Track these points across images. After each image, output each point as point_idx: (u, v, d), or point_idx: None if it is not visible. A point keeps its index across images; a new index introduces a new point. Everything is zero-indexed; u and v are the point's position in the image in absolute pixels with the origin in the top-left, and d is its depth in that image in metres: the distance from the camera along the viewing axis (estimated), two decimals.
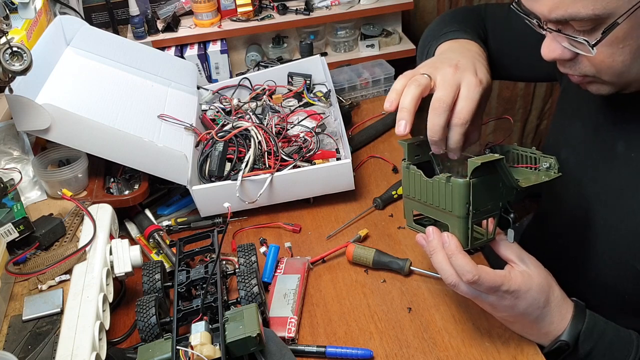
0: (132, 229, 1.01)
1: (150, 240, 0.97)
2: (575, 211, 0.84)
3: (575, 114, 0.86)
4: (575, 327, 0.70)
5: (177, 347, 0.68)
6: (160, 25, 1.57)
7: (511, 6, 0.71)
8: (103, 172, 1.03)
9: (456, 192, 0.66)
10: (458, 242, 0.68)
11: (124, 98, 1.12)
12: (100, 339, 0.71)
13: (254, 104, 1.22)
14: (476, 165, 0.63)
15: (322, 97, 1.23)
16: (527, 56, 0.88)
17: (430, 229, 0.71)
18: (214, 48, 1.55)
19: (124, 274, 0.82)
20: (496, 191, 0.68)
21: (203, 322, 0.70)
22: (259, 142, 1.04)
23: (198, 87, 1.29)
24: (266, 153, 1.03)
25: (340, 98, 1.32)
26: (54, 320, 0.74)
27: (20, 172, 0.97)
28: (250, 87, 1.29)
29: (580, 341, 0.70)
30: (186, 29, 1.59)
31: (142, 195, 0.99)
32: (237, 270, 0.82)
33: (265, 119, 1.16)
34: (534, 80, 1.07)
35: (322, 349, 0.79)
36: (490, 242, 0.73)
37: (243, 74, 1.36)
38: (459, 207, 0.66)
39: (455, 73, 0.72)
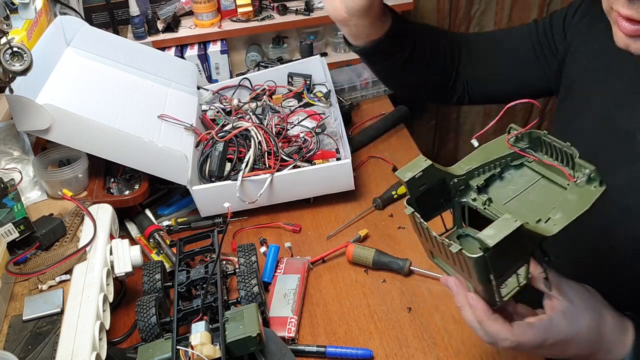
0: (133, 229, 1.02)
1: (151, 240, 0.97)
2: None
3: (585, 107, 0.82)
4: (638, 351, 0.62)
5: (177, 347, 0.68)
6: (160, 26, 1.56)
7: None
8: (103, 172, 1.03)
9: (471, 266, 0.53)
10: (485, 306, 0.58)
11: (124, 98, 1.12)
12: (100, 339, 0.71)
13: (254, 104, 1.22)
14: (487, 246, 0.50)
15: (322, 98, 1.23)
16: (519, 74, 0.90)
17: (452, 282, 0.61)
18: (214, 48, 1.55)
19: (124, 274, 0.83)
20: (522, 243, 0.54)
21: (203, 322, 0.70)
22: (259, 142, 1.04)
23: (198, 87, 1.29)
24: (266, 153, 1.03)
25: (340, 98, 1.32)
26: (54, 320, 0.74)
27: (20, 172, 0.97)
28: (250, 87, 1.29)
29: None
30: (186, 29, 1.58)
31: (142, 195, 0.99)
32: (237, 270, 0.82)
33: (265, 119, 1.17)
34: (524, 96, 1.05)
35: (322, 349, 0.79)
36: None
37: (243, 74, 1.36)
38: (478, 277, 0.54)
39: None
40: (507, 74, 0.94)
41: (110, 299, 0.78)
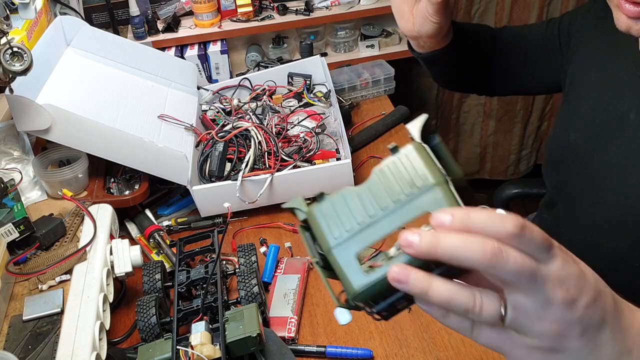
0: (133, 229, 1.02)
1: (151, 240, 0.97)
2: (584, 187, 0.83)
3: (586, 99, 0.86)
4: None
5: (177, 347, 0.68)
6: (160, 26, 1.57)
7: None
8: (103, 172, 1.03)
9: (417, 160, 0.44)
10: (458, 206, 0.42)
11: (124, 98, 1.12)
12: (100, 339, 0.71)
13: (254, 104, 1.22)
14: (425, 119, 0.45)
15: (322, 98, 1.23)
16: (536, 70, 0.97)
17: (403, 235, 0.40)
18: (214, 48, 1.55)
19: (124, 274, 0.83)
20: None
21: (203, 322, 0.70)
22: (259, 142, 1.04)
23: (198, 88, 1.29)
24: (266, 153, 1.04)
25: (340, 98, 1.32)
26: (54, 320, 0.74)
27: (20, 172, 0.97)
28: (250, 87, 1.29)
29: None
30: (186, 29, 1.59)
31: (142, 196, 0.99)
32: (237, 270, 0.82)
33: (265, 119, 1.17)
34: (537, 92, 1.11)
35: (322, 349, 0.79)
36: None
37: (243, 74, 1.36)
38: (431, 171, 0.44)
39: None
40: (523, 69, 1.01)
41: (110, 299, 0.78)
